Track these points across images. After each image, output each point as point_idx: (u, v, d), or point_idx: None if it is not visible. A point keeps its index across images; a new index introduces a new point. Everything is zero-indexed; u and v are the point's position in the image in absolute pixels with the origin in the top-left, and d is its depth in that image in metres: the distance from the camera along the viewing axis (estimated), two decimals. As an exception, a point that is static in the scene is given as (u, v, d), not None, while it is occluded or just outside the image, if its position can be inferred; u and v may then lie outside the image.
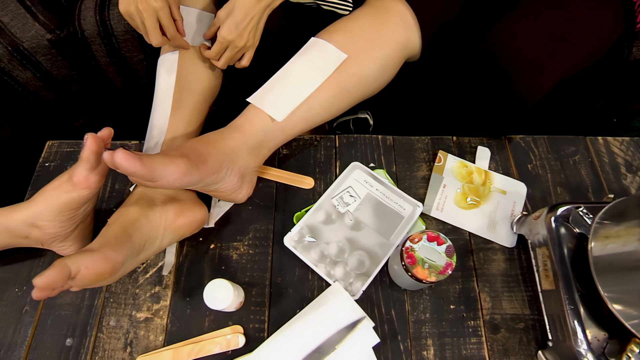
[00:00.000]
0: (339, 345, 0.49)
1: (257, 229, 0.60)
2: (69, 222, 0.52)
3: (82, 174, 0.48)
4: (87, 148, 0.47)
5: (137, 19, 0.54)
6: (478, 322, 0.54)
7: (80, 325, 0.56)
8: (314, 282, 0.56)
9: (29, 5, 0.82)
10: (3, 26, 0.80)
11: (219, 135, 0.53)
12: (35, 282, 0.40)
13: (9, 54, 0.81)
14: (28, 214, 0.51)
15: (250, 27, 0.59)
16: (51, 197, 0.50)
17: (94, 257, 0.44)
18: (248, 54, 0.62)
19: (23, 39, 0.81)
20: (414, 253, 0.49)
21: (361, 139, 0.66)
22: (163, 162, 0.43)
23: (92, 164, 0.47)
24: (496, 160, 0.65)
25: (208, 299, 0.49)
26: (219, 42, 0.59)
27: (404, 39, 0.62)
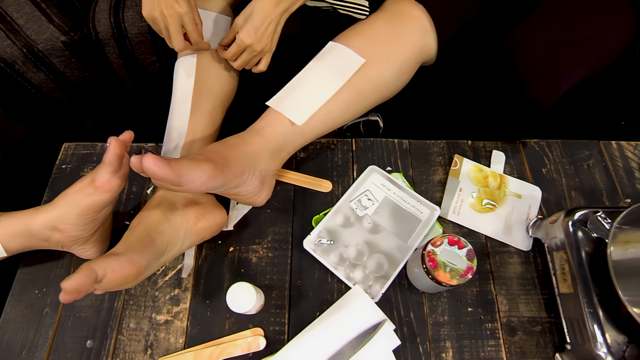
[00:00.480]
0: (361, 348, 0.50)
1: (275, 232, 0.60)
2: (89, 225, 0.52)
3: (104, 178, 0.48)
4: (110, 151, 0.47)
5: (161, 23, 0.54)
6: (495, 325, 0.55)
7: (101, 327, 0.56)
8: (334, 284, 0.57)
9: (43, 8, 0.82)
10: (18, 28, 0.80)
11: (240, 139, 0.53)
12: (63, 285, 0.40)
13: (23, 55, 0.81)
14: (50, 217, 0.51)
15: (269, 31, 0.59)
16: (73, 200, 0.50)
17: (119, 260, 0.44)
18: (265, 59, 0.63)
19: (38, 41, 0.81)
20: (436, 257, 0.49)
21: (377, 142, 0.67)
22: (190, 166, 0.43)
23: (115, 167, 0.48)
24: (511, 164, 0.65)
25: (231, 302, 0.49)
26: (237, 44, 0.59)
27: (420, 44, 0.62)
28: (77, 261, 0.60)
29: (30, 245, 0.54)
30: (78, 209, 0.50)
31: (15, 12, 0.80)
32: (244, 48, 0.59)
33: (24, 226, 0.52)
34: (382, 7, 0.65)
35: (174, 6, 0.53)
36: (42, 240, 0.54)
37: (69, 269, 0.60)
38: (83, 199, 0.50)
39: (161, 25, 0.55)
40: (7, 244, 0.52)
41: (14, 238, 0.52)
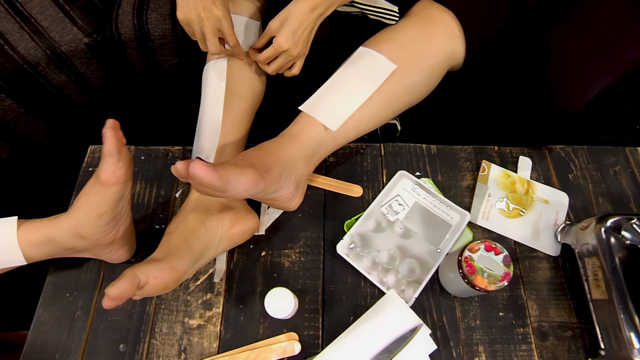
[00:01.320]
0: (398, 352, 0.50)
1: (307, 236, 0.60)
2: (109, 225, 0.52)
3: (108, 169, 0.47)
4: (108, 141, 0.45)
5: (196, 26, 0.54)
6: (527, 330, 0.55)
7: (133, 331, 0.56)
8: (367, 289, 0.57)
9: (67, 9, 0.81)
10: (42, 30, 0.79)
11: (277, 145, 0.53)
12: (108, 292, 0.40)
13: (47, 57, 0.81)
14: (70, 224, 0.51)
15: (304, 36, 0.59)
16: (85, 203, 0.50)
17: (160, 267, 0.44)
18: (299, 63, 0.63)
19: (61, 42, 0.81)
20: (473, 262, 0.49)
21: (406, 147, 0.67)
22: (235, 172, 0.43)
23: (116, 156, 0.46)
24: (537, 170, 0.66)
25: (269, 308, 0.49)
26: (274, 48, 0.59)
27: (449, 50, 0.63)
28: (106, 265, 0.60)
29: (55, 253, 0.53)
30: (93, 211, 0.50)
31: (39, 14, 0.80)
32: (280, 52, 0.59)
33: (47, 236, 0.51)
34: (411, 13, 0.65)
35: (212, 9, 0.53)
36: (68, 249, 0.53)
37: (98, 272, 0.60)
38: (94, 198, 0.49)
39: (196, 28, 0.55)
40: (29, 253, 0.51)
41: (37, 247, 0.52)
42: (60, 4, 0.81)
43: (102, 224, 0.51)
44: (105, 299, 0.40)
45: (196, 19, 0.53)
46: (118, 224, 0.54)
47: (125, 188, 0.50)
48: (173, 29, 0.82)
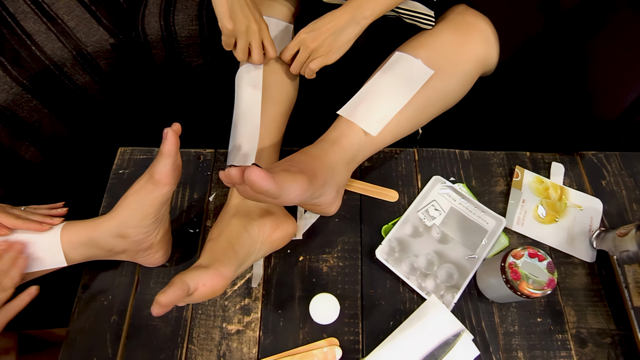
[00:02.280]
0: (442, 358, 0.50)
1: (345, 241, 0.60)
2: (152, 226, 0.52)
3: (164, 170, 0.48)
4: (169, 142, 0.47)
5: (244, 38, 0.55)
6: (566, 336, 0.55)
7: (171, 336, 0.55)
8: (405, 294, 0.57)
9: (94, 10, 0.81)
10: (69, 31, 0.79)
11: (320, 150, 0.53)
12: (158, 299, 0.40)
13: (72, 58, 0.80)
14: (113, 224, 0.51)
15: (328, 32, 0.59)
16: (134, 202, 0.50)
17: (209, 273, 0.44)
18: (317, 61, 0.61)
19: (87, 43, 0.80)
20: (518, 269, 0.49)
21: (439, 152, 0.67)
22: (288, 179, 0.43)
23: (173, 158, 0.47)
24: (570, 176, 0.66)
25: (314, 313, 0.49)
26: (294, 40, 0.60)
27: (483, 55, 0.63)
28: (141, 269, 0.59)
29: (93, 255, 0.54)
30: (140, 210, 0.50)
31: (66, 14, 0.79)
32: (300, 44, 0.59)
33: (88, 236, 0.52)
34: (447, 18, 0.65)
35: (260, 22, 0.54)
36: (106, 251, 0.53)
37: (133, 276, 0.59)
38: (144, 197, 0.50)
39: (244, 39, 0.55)
40: (69, 254, 0.52)
41: (77, 248, 0.52)
42: (86, 4, 0.81)
43: (145, 224, 0.51)
44: (154, 306, 0.40)
45: (246, 30, 0.54)
46: (158, 227, 0.53)
47: (172, 191, 0.50)
48: (200, 30, 0.81)
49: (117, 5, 0.83)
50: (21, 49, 0.77)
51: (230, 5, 0.53)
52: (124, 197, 0.51)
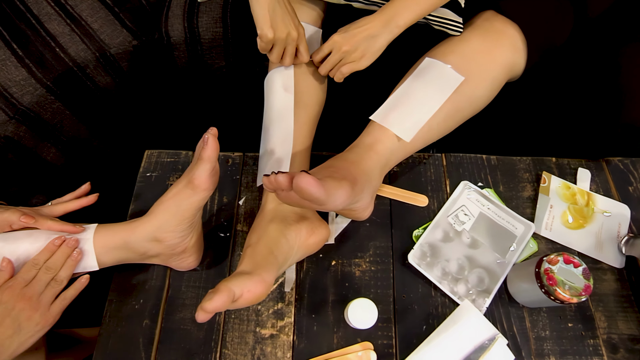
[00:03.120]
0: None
1: (376, 245, 0.60)
2: (187, 230, 0.52)
3: (203, 175, 0.48)
4: (210, 148, 0.47)
5: (281, 45, 0.56)
6: (597, 341, 0.56)
7: (204, 340, 0.55)
8: (437, 298, 0.58)
9: (117, 12, 0.81)
10: (93, 32, 0.79)
11: (357, 156, 0.54)
12: (205, 306, 0.40)
13: (95, 60, 0.80)
14: (150, 228, 0.51)
15: (361, 38, 0.59)
16: (171, 206, 0.51)
17: (253, 280, 0.44)
18: (348, 67, 0.62)
19: (111, 45, 0.80)
20: (554, 275, 0.50)
21: (467, 158, 0.68)
22: (335, 185, 0.44)
23: (213, 163, 0.48)
24: (596, 181, 0.67)
25: (353, 318, 0.49)
26: (327, 42, 0.61)
27: (511, 62, 0.64)
28: (172, 273, 0.60)
29: (125, 259, 0.54)
30: (178, 214, 0.51)
31: (89, 16, 0.79)
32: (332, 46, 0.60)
33: (123, 240, 0.52)
34: (474, 24, 0.66)
35: (299, 28, 0.55)
36: (139, 254, 0.53)
37: (164, 280, 0.59)
38: (182, 202, 0.50)
39: (281, 45, 0.56)
40: (102, 257, 0.52)
41: (110, 251, 0.52)
42: (110, 6, 0.81)
43: (181, 228, 0.51)
44: (199, 312, 0.40)
45: (286, 38, 0.55)
46: (192, 232, 0.54)
47: (209, 196, 0.50)
48: (224, 32, 0.82)
49: (140, 7, 0.84)
50: (45, 50, 0.77)
51: (272, 13, 0.53)
52: (161, 202, 0.51)
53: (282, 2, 0.55)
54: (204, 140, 0.47)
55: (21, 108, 0.75)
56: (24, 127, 0.77)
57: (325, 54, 0.61)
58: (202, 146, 0.48)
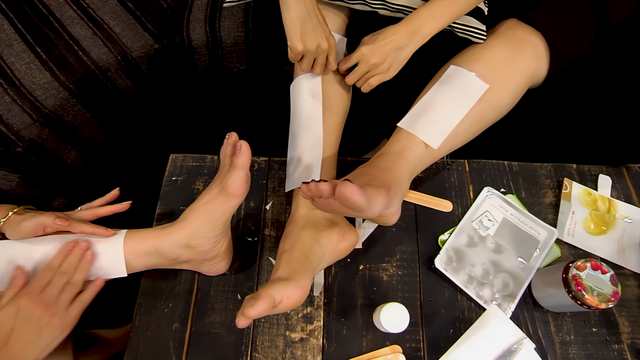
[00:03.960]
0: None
1: (403, 250, 0.62)
2: (219, 236, 0.53)
3: (237, 182, 0.49)
4: (243, 155, 0.48)
5: (312, 56, 0.57)
6: (622, 346, 0.57)
7: (234, 344, 0.57)
8: (463, 302, 0.59)
9: (139, 15, 0.82)
10: (115, 36, 0.80)
11: (388, 163, 0.55)
12: (247, 313, 0.41)
13: (117, 63, 0.81)
14: (182, 234, 0.52)
15: (389, 49, 0.61)
16: (204, 213, 0.52)
17: (291, 286, 0.45)
18: (376, 78, 0.64)
19: (133, 48, 0.81)
20: (582, 280, 0.51)
21: (489, 164, 0.69)
22: (374, 193, 0.45)
23: (247, 170, 0.49)
24: (617, 188, 0.68)
25: (386, 322, 0.51)
26: (355, 54, 0.62)
27: (534, 70, 0.65)
28: (200, 277, 0.61)
29: (155, 264, 0.55)
30: (211, 221, 0.52)
31: (111, 20, 0.80)
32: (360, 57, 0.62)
33: (154, 246, 0.53)
34: (498, 32, 0.67)
35: (329, 39, 0.56)
36: (170, 260, 0.54)
37: (192, 284, 0.60)
38: (215, 209, 0.51)
39: (311, 56, 0.57)
40: (132, 262, 0.53)
41: (141, 257, 0.53)
42: (132, 10, 0.82)
43: (214, 235, 0.52)
44: (241, 318, 0.41)
45: (316, 50, 0.56)
46: (224, 238, 0.55)
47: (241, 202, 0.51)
48: (246, 36, 0.83)
49: (161, 11, 0.85)
50: (68, 54, 0.78)
51: (303, 26, 0.55)
52: (194, 209, 0.52)
53: (313, 14, 0.57)
54: (237, 148, 0.48)
55: (45, 111, 0.76)
56: (47, 130, 0.78)
57: (352, 64, 0.62)
58: (234, 153, 0.48)
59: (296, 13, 0.56)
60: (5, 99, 0.74)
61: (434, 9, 0.60)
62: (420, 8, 0.61)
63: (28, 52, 0.77)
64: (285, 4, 0.56)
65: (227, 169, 0.50)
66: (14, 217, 0.55)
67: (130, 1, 0.83)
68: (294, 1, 0.55)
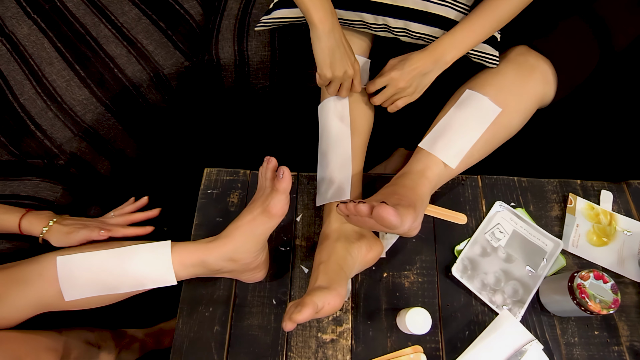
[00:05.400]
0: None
1: (422, 259, 0.69)
2: (260, 250, 0.61)
3: (279, 205, 0.56)
4: (285, 181, 0.55)
5: (338, 81, 0.64)
6: (621, 348, 0.65)
7: (271, 344, 0.64)
8: (477, 307, 0.67)
9: (170, 34, 0.89)
10: (148, 54, 0.87)
11: (412, 182, 0.62)
12: (295, 318, 0.48)
13: (149, 79, 0.88)
14: (227, 249, 0.59)
15: (415, 74, 0.68)
16: (248, 230, 0.58)
17: (331, 294, 0.53)
18: (403, 100, 0.71)
19: (164, 66, 0.88)
20: (586, 289, 0.59)
21: (500, 180, 0.77)
22: (405, 213, 0.52)
23: (288, 194, 0.56)
24: (618, 203, 0.76)
25: (411, 324, 0.58)
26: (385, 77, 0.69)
27: (542, 93, 0.73)
28: (237, 284, 0.68)
29: (199, 273, 0.62)
30: (254, 238, 0.59)
31: (145, 39, 0.88)
32: (388, 82, 0.69)
33: (200, 259, 0.59)
34: (509, 58, 0.74)
35: (354, 65, 0.63)
36: (214, 271, 0.61)
37: (230, 290, 0.68)
38: (257, 227, 0.58)
39: (338, 82, 0.64)
40: (179, 272, 0.60)
41: (187, 268, 0.60)
42: (163, 29, 0.89)
43: (255, 249, 0.59)
44: (288, 323, 0.49)
45: (342, 76, 0.63)
46: (263, 251, 0.62)
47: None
48: (272, 55, 0.90)
49: (191, 30, 0.92)
50: (105, 71, 0.85)
51: (332, 56, 0.62)
52: (237, 226, 0.59)
53: (341, 44, 0.64)
54: (279, 173, 0.55)
55: (84, 125, 0.83)
56: (85, 142, 0.85)
57: (380, 87, 0.69)
58: (275, 177, 0.55)
59: (327, 44, 0.63)
60: (48, 115, 0.81)
61: (455, 39, 0.68)
62: (443, 37, 0.68)
63: (68, 70, 0.84)
64: (316, 35, 0.63)
65: (269, 192, 0.57)
66: (56, 227, 0.62)
67: (162, 21, 0.90)
68: (324, 33, 0.62)
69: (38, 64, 0.84)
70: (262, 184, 0.60)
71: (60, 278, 0.54)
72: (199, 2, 0.93)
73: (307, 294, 0.52)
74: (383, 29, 0.73)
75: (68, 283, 0.55)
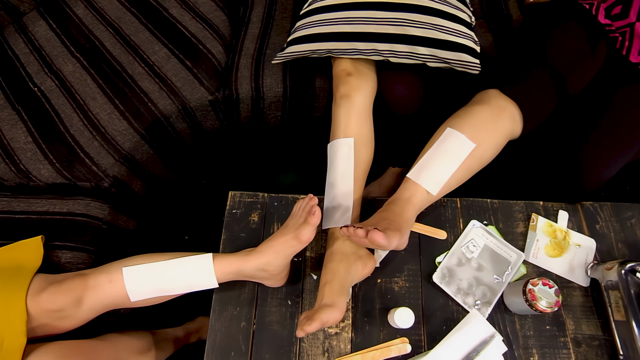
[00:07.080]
0: (481, 352, 0.78)
1: (409, 268, 0.88)
2: (286, 265, 0.79)
3: (308, 234, 0.74)
4: (317, 217, 0.74)
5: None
6: (566, 339, 0.84)
7: (287, 337, 0.83)
8: (453, 307, 0.86)
9: (195, 72, 1.07)
10: (177, 90, 1.05)
11: (400, 208, 0.81)
12: (306, 329, 0.67)
13: (178, 111, 1.06)
14: (260, 262, 0.78)
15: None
16: (279, 250, 0.77)
17: (335, 310, 0.71)
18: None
19: (191, 100, 1.06)
20: (535, 293, 0.78)
21: (475, 202, 0.96)
22: (392, 235, 0.71)
23: (316, 227, 0.74)
24: (572, 221, 0.95)
25: (398, 320, 0.77)
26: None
27: (510, 130, 0.91)
28: (259, 287, 0.86)
29: (236, 279, 0.81)
30: (284, 256, 0.77)
31: (173, 76, 1.05)
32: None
33: (237, 268, 0.78)
34: (483, 100, 0.93)
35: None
36: (246, 277, 0.80)
37: (253, 292, 0.86)
38: (287, 249, 0.76)
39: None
40: (219, 278, 0.79)
41: (226, 275, 0.79)
42: (189, 67, 1.07)
43: (283, 264, 0.78)
44: (300, 332, 0.68)
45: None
46: (288, 265, 0.81)
47: None
48: (284, 91, 1.08)
49: (213, 67, 1.09)
50: (140, 105, 1.03)
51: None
52: (271, 245, 0.77)
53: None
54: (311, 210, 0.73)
55: (123, 152, 1.01)
56: (124, 167, 1.03)
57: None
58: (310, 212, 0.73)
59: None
60: (95, 144, 0.99)
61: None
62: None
63: (109, 104, 1.02)
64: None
65: (302, 222, 0.75)
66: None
67: (187, 59, 1.08)
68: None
69: (83, 98, 1.01)
70: (296, 213, 0.79)
71: (126, 284, 0.73)
72: (220, 42, 1.11)
73: (316, 310, 0.70)
74: (374, 53, 0.92)
75: (133, 287, 0.73)
